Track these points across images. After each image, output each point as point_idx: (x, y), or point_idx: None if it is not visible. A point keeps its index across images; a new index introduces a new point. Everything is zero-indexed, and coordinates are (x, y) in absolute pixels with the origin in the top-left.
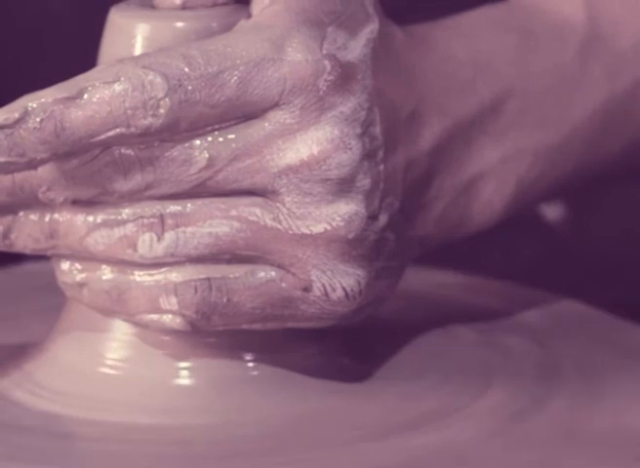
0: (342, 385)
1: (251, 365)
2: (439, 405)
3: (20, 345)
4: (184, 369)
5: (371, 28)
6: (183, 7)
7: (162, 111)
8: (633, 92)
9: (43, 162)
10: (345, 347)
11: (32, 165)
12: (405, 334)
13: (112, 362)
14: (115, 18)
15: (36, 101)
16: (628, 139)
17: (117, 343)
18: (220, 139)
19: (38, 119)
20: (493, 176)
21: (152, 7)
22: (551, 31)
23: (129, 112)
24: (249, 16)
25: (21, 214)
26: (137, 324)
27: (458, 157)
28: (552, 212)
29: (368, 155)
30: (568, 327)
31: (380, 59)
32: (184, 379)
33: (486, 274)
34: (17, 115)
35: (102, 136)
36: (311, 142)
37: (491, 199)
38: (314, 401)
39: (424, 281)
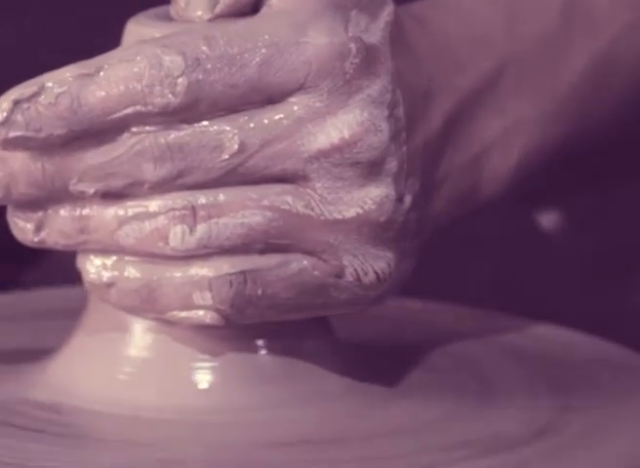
0: (360, 387)
1: (269, 368)
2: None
3: (38, 350)
4: (203, 368)
5: (388, 11)
6: (210, 20)
7: (179, 89)
8: (614, 46)
9: (60, 138)
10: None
11: (50, 141)
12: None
13: (131, 362)
14: (133, 28)
15: (54, 78)
16: (617, 95)
17: (135, 349)
18: (251, 125)
19: (54, 94)
20: (496, 149)
21: (170, 18)
22: None
23: (146, 90)
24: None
25: (51, 209)
26: (167, 321)
27: (463, 133)
28: (547, 220)
29: (394, 137)
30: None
31: (395, 42)
32: (203, 379)
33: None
34: (34, 90)
35: (120, 114)
36: (342, 126)
37: (495, 171)
38: (334, 400)
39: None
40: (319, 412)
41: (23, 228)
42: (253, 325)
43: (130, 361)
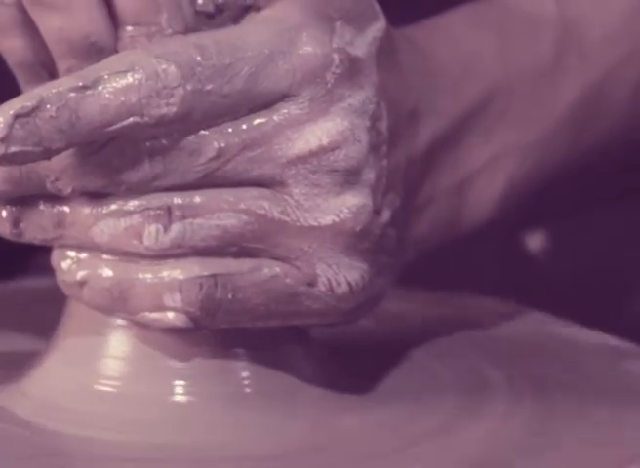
0: (341, 401)
1: (247, 382)
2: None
3: (16, 354)
4: (180, 385)
5: (378, 27)
6: None
7: (176, 100)
8: (605, 82)
9: (58, 151)
10: (341, 365)
11: (47, 154)
12: (397, 354)
13: (108, 378)
14: None
15: (51, 91)
16: (605, 129)
17: (114, 360)
18: (230, 130)
19: (54, 108)
20: (483, 176)
21: None
22: (527, 27)
23: (143, 101)
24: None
25: (29, 204)
26: (137, 322)
27: (450, 158)
28: (534, 241)
29: (373, 149)
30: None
31: (383, 57)
32: (180, 396)
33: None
34: (33, 104)
35: (117, 126)
36: (321, 133)
37: (480, 198)
38: (314, 416)
39: (407, 300)
40: (299, 431)
41: (2, 220)
42: (230, 331)
43: (107, 370)
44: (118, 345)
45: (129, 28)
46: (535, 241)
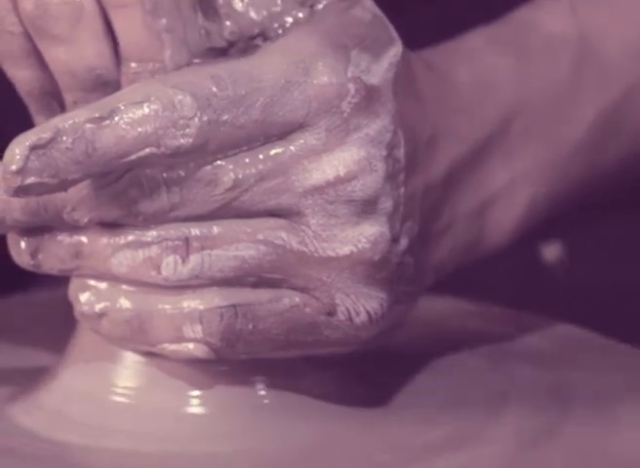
0: (355, 411)
1: (263, 392)
2: (453, 431)
3: (30, 370)
4: (196, 397)
5: (394, 52)
6: None
7: (192, 131)
8: (625, 99)
9: (74, 183)
10: (357, 374)
11: (64, 186)
12: (415, 361)
13: (123, 390)
14: None
15: (68, 122)
16: (625, 148)
17: (128, 371)
18: (247, 160)
19: (70, 139)
20: (502, 198)
21: None
22: (545, 46)
23: (159, 132)
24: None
25: (47, 234)
26: (157, 354)
27: (469, 182)
28: (550, 253)
29: (390, 177)
30: (574, 351)
31: (400, 84)
32: (196, 407)
33: (481, 299)
34: (49, 135)
35: (133, 157)
36: (337, 163)
37: (500, 221)
38: (328, 427)
39: (427, 308)
40: (313, 441)
41: (20, 251)
42: (247, 360)
43: (121, 388)
44: (132, 357)
45: (133, 64)
46: (551, 251)
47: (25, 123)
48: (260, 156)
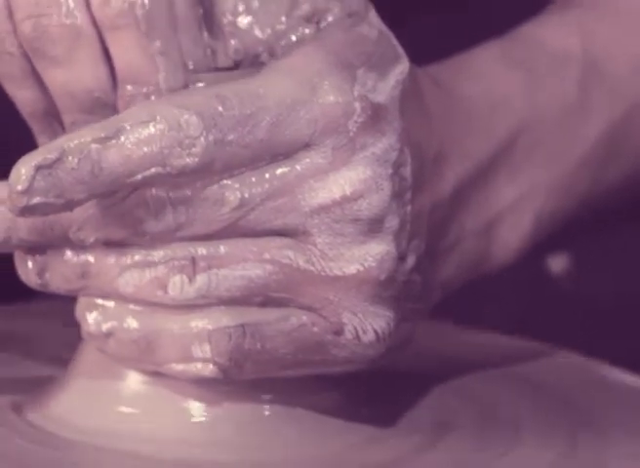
0: (360, 428)
1: (267, 405)
2: (460, 451)
3: (31, 379)
4: (201, 406)
5: (401, 69)
6: None
7: (198, 150)
8: (631, 115)
9: (80, 203)
10: (363, 391)
11: (69, 206)
12: (422, 380)
13: (129, 399)
14: None
15: (73, 142)
16: (630, 163)
17: (134, 382)
18: (253, 179)
19: (76, 159)
20: (510, 216)
21: None
22: (552, 63)
23: (165, 151)
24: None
25: (54, 254)
26: (164, 373)
27: (476, 199)
28: (556, 264)
29: (397, 195)
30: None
31: (407, 100)
32: (200, 417)
33: (479, 325)
34: (54, 155)
35: (139, 176)
36: (344, 182)
37: (509, 238)
38: (333, 443)
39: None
40: (315, 455)
41: (28, 270)
42: (252, 380)
43: (129, 391)
44: (137, 376)
45: (128, 87)
46: (558, 263)
47: (29, 143)
48: (267, 175)
